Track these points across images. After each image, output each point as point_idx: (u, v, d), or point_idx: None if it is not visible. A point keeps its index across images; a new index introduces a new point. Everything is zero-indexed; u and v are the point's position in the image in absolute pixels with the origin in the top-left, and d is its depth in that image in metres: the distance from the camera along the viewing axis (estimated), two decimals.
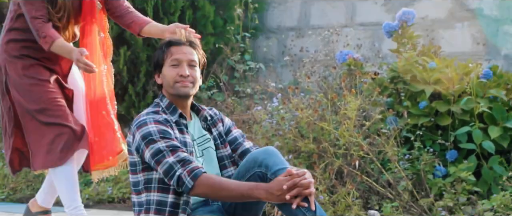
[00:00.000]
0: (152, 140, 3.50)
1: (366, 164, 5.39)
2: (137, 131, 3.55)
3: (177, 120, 3.65)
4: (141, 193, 3.62)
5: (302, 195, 3.39)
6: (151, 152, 3.49)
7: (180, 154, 3.48)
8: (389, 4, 7.17)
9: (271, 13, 7.81)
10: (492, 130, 5.43)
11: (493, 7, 6.68)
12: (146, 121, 3.56)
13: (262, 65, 7.37)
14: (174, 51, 3.65)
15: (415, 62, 5.77)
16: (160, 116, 3.59)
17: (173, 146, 3.49)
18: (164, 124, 3.55)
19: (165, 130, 3.53)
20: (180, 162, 3.46)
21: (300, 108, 5.53)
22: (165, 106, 3.67)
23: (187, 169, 3.43)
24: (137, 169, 3.60)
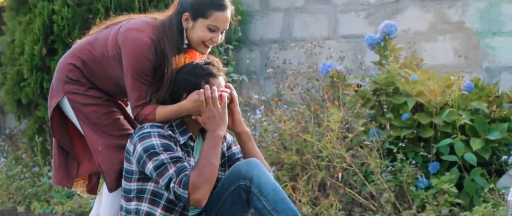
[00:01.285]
0: (155, 152, 3.47)
1: (349, 176, 5.39)
2: (139, 143, 3.51)
3: (186, 142, 3.62)
4: (132, 201, 3.60)
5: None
6: (154, 164, 3.47)
7: (181, 165, 3.46)
8: (371, 16, 7.20)
9: (254, 25, 7.83)
10: (474, 142, 5.45)
11: (475, 20, 6.73)
12: (151, 134, 3.52)
13: (245, 77, 7.37)
14: (214, 83, 3.62)
15: (397, 74, 5.80)
16: (164, 131, 3.56)
17: (176, 157, 3.48)
18: (167, 138, 3.53)
19: (168, 144, 3.50)
20: (178, 173, 3.44)
21: (283, 120, 5.53)
22: (175, 124, 3.64)
23: (177, 181, 3.43)
24: (132, 177, 3.59)
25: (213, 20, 3.63)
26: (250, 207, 3.57)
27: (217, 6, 3.63)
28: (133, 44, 3.63)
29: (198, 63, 3.67)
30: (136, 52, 3.62)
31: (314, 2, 7.51)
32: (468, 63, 6.76)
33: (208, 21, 3.62)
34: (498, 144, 5.56)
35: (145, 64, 3.61)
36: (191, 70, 3.64)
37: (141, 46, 3.62)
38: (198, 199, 3.44)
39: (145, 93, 3.64)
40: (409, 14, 7.03)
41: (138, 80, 3.62)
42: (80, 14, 6.87)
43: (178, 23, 3.67)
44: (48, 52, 6.98)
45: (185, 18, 3.65)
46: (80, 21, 6.87)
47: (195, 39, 3.66)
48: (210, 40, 3.65)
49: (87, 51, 3.79)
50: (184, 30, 3.66)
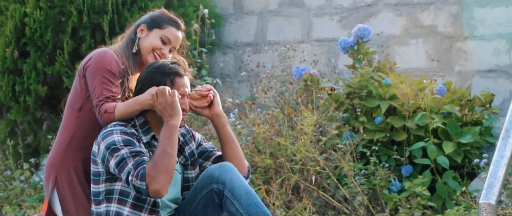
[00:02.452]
0: (116, 148, 3.47)
1: (322, 179, 5.40)
2: (102, 141, 3.52)
3: (149, 141, 3.62)
4: (101, 203, 3.59)
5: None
6: (116, 160, 3.47)
7: (139, 158, 3.46)
8: (345, 20, 7.23)
9: (227, 28, 7.82)
10: (446, 145, 5.49)
11: (447, 24, 6.77)
12: (113, 132, 3.53)
13: (219, 81, 7.36)
14: (180, 83, 3.67)
15: (370, 78, 5.82)
16: (127, 128, 3.56)
17: (136, 151, 3.48)
18: (130, 135, 3.53)
19: (129, 140, 3.51)
20: (135, 166, 3.44)
21: (257, 123, 5.53)
22: (139, 124, 3.64)
23: (134, 174, 3.42)
24: (100, 179, 3.58)
25: (168, 32, 3.90)
26: (223, 210, 3.56)
27: (173, 23, 3.94)
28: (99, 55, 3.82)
29: (164, 62, 3.73)
30: (104, 58, 3.80)
31: (288, 6, 7.52)
32: (441, 66, 6.81)
33: (162, 31, 3.90)
34: (470, 147, 5.60)
35: (113, 64, 3.77)
36: (157, 69, 3.69)
37: (107, 53, 3.83)
38: (156, 189, 3.42)
39: (110, 92, 3.71)
40: (382, 18, 7.06)
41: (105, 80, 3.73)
42: (52, 16, 6.83)
43: (133, 34, 3.93)
44: (20, 55, 6.94)
45: (141, 29, 3.91)
46: (52, 23, 6.83)
47: (146, 47, 3.87)
48: (159, 51, 3.87)
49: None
50: (136, 39, 3.90)
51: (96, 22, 6.82)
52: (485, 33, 6.60)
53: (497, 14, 6.55)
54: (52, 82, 6.99)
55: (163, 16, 3.95)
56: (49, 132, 7.05)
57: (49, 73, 6.91)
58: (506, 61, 6.50)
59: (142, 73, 3.71)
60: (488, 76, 6.59)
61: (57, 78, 6.95)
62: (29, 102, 6.88)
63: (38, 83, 6.90)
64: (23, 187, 6.72)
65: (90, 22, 6.81)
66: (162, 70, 3.66)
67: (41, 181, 6.94)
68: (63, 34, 6.87)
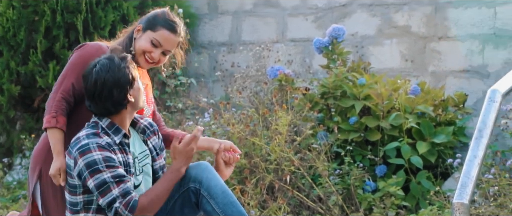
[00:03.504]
0: (97, 169, 3.41)
1: (297, 179, 5.41)
2: (80, 157, 3.43)
3: (121, 140, 3.57)
4: (79, 213, 3.55)
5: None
6: (96, 183, 3.41)
7: (124, 186, 3.43)
8: (319, 20, 7.25)
9: (202, 28, 7.81)
10: (420, 145, 5.52)
11: (421, 25, 6.81)
12: (90, 147, 3.45)
13: (193, 80, 7.35)
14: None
15: (345, 78, 5.84)
16: (102, 139, 3.49)
17: (119, 176, 3.43)
18: (107, 149, 3.47)
19: (109, 157, 3.44)
20: (123, 195, 3.42)
21: (232, 123, 5.53)
22: (105, 126, 3.57)
23: (123, 202, 3.40)
24: (77, 191, 3.53)
25: (159, 35, 3.79)
26: (199, 209, 3.56)
27: (168, 26, 3.81)
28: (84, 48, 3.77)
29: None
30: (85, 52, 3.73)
31: (262, 6, 7.53)
32: (415, 67, 6.84)
33: (154, 34, 3.80)
34: (443, 147, 5.64)
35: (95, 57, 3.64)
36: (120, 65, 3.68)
37: (93, 46, 3.77)
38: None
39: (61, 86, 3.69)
40: (356, 18, 7.09)
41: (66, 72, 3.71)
42: (25, 16, 6.79)
43: (132, 33, 3.85)
44: None
45: (138, 28, 3.83)
46: (25, 23, 6.79)
47: (137, 49, 3.81)
48: (149, 54, 3.79)
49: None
50: (133, 39, 3.82)
51: (69, 21, 6.78)
52: (459, 33, 6.65)
53: (470, 15, 6.60)
54: (26, 81, 6.94)
55: (159, 17, 3.84)
56: (22, 131, 7.00)
57: (22, 73, 6.86)
58: (479, 62, 6.55)
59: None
60: (462, 77, 6.64)
61: (30, 77, 6.90)
62: (2, 101, 6.83)
63: (11, 82, 6.85)
64: None
65: (64, 22, 6.78)
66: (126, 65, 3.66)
67: (14, 181, 6.90)
68: (37, 34, 6.83)
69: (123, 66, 3.56)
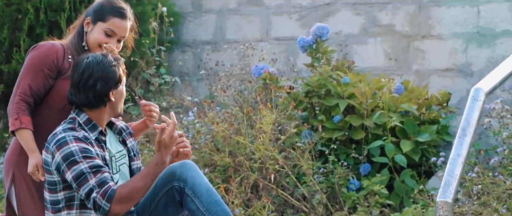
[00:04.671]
0: (75, 161, 3.42)
1: (281, 177, 5.41)
2: (57, 151, 3.45)
3: (97, 136, 3.58)
4: (61, 211, 3.54)
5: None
6: (74, 174, 3.42)
7: (101, 175, 3.42)
8: (303, 19, 7.25)
9: (186, 27, 7.80)
10: (404, 144, 5.53)
11: (405, 23, 6.83)
12: (66, 140, 3.46)
13: (177, 79, 7.34)
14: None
15: (329, 76, 5.85)
16: (78, 133, 3.51)
17: (95, 166, 3.43)
18: (84, 141, 3.48)
19: (86, 149, 3.46)
20: (100, 185, 3.41)
21: (216, 122, 5.52)
22: (83, 122, 3.58)
23: (101, 192, 3.39)
24: (57, 188, 3.52)
25: (110, 24, 3.77)
26: (183, 208, 3.55)
27: (117, 13, 3.79)
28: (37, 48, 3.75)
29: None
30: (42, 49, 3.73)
31: (246, 4, 7.52)
32: (398, 65, 6.86)
33: (105, 25, 3.77)
34: (427, 146, 5.66)
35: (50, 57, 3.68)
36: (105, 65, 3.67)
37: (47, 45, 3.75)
38: (118, 212, 3.44)
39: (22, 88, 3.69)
40: (340, 17, 7.10)
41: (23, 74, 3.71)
42: (9, 14, 6.76)
43: (80, 27, 3.82)
44: None
45: (87, 22, 3.80)
46: (9, 21, 6.76)
47: (92, 42, 3.78)
48: (105, 44, 3.76)
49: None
50: (84, 34, 3.80)
51: (53, 19, 6.75)
52: (442, 32, 6.67)
53: (454, 14, 6.62)
54: (9, 80, 6.90)
55: (106, 6, 3.80)
56: (5, 130, 6.96)
57: (5, 71, 6.83)
58: (463, 60, 6.58)
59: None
60: (445, 75, 6.66)
61: (13, 76, 6.86)
62: None
63: None
64: None
65: (47, 20, 6.75)
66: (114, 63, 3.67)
67: None
68: (20, 32, 6.80)
69: (114, 65, 3.61)
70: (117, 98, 3.63)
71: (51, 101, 3.74)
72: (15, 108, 3.68)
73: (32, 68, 3.70)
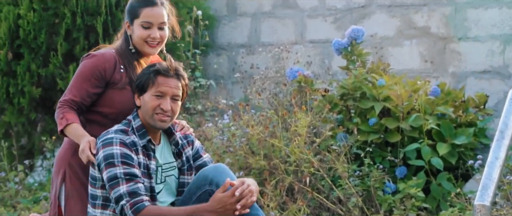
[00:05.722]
0: (112, 163, 3.45)
1: (316, 180, 5.40)
2: (102, 149, 3.50)
3: (146, 144, 3.59)
4: (96, 207, 3.58)
5: (247, 205, 3.41)
6: (108, 175, 3.46)
7: (134, 185, 3.44)
8: (338, 21, 7.23)
9: (221, 30, 7.82)
10: (441, 147, 5.49)
11: (441, 25, 6.78)
12: (113, 141, 3.51)
13: (212, 82, 7.36)
14: (161, 82, 3.59)
15: (364, 79, 5.82)
16: (127, 137, 3.53)
17: (130, 174, 3.45)
18: (129, 147, 3.50)
19: (128, 155, 3.48)
20: (131, 194, 3.43)
21: (251, 125, 5.53)
22: (136, 127, 3.60)
23: (131, 202, 3.42)
24: (96, 184, 3.57)
25: (144, 16, 3.76)
26: None
27: (145, 3, 3.78)
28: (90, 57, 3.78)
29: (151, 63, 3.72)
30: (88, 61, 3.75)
31: (281, 7, 7.53)
32: (435, 68, 6.82)
33: (140, 19, 3.77)
34: (464, 149, 5.61)
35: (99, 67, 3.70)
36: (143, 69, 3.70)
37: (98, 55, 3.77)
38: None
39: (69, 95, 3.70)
40: (376, 19, 7.07)
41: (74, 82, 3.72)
42: (46, 18, 6.83)
43: (125, 33, 3.84)
44: (14, 56, 6.93)
45: (127, 25, 3.82)
46: (46, 25, 6.83)
47: (136, 41, 3.79)
48: (149, 38, 3.76)
49: None
50: (129, 37, 3.80)
51: (89, 23, 6.80)
52: (479, 34, 6.61)
53: (491, 15, 6.56)
54: (46, 83, 6.98)
55: (133, 3, 3.81)
56: (43, 133, 7.04)
57: (43, 75, 6.90)
58: (500, 62, 6.52)
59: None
60: (482, 77, 6.60)
61: (51, 79, 6.94)
62: (23, 104, 6.87)
63: (32, 85, 6.89)
64: (17, 188, 6.71)
65: (84, 24, 6.80)
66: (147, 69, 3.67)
67: (35, 183, 6.94)
68: (57, 36, 6.86)
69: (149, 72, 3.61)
70: (143, 106, 3.62)
71: (101, 109, 3.78)
72: (59, 112, 3.72)
73: (80, 77, 3.75)
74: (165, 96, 3.59)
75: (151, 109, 3.57)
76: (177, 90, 3.63)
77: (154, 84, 3.59)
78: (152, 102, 3.58)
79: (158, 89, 3.58)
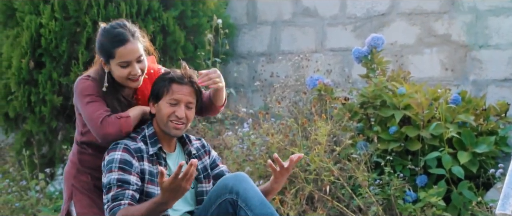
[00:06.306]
0: (110, 168, 3.52)
1: (336, 189, 5.39)
2: (107, 154, 3.57)
3: (157, 152, 3.62)
4: None
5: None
6: (105, 181, 3.55)
7: (121, 191, 3.48)
8: (358, 30, 7.23)
9: (241, 38, 7.84)
10: (462, 155, 5.46)
11: (461, 33, 6.76)
12: (117, 146, 3.57)
13: (232, 90, 7.37)
14: (175, 89, 3.61)
15: (384, 87, 5.81)
16: (134, 143, 3.57)
17: (122, 181, 3.49)
18: (131, 153, 3.54)
19: (127, 161, 3.52)
20: (113, 199, 3.47)
21: (271, 133, 5.53)
22: (148, 135, 3.64)
23: (110, 206, 3.46)
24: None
25: (120, 56, 3.63)
26: None
27: (118, 43, 3.63)
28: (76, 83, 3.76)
29: (166, 71, 3.73)
30: (79, 84, 3.73)
31: (301, 16, 7.53)
32: (455, 76, 6.79)
33: (116, 60, 3.63)
34: (485, 157, 5.58)
35: (89, 85, 3.67)
36: (158, 78, 3.71)
37: (81, 79, 3.74)
38: None
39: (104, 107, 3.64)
40: (396, 27, 7.06)
41: (91, 101, 3.66)
42: (67, 27, 6.87)
43: (101, 68, 3.73)
44: (35, 65, 6.97)
45: (103, 63, 3.71)
46: (67, 34, 6.87)
47: (118, 78, 3.68)
48: (130, 75, 3.65)
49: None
50: (105, 74, 3.69)
51: None
52: (500, 42, 6.58)
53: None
54: (67, 92, 7.01)
55: (105, 41, 3.64)
56: (64, 142, 7.07)
57: (64, 84, 6.93)
58: None
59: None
60: (503, 85, 6.56)
61: (72, 88, 6.97)
62: (44, 112, 6.91)
63: (54, 93, 6.93)
64: (38, 197, 6.74)
65: None
66: (159, 78, 3.69)
67: (56, 191, 6.97)
68: (78, 45, 6.90)
69: (163, 79, 3.65)
70: (157, 113, 3.64)
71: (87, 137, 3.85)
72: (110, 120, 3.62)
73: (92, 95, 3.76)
74: (180, 104, 3.62)
75: (166, 116, 3.60)
76: (191, 97, 3.65)
77: (169, 92, 3.61)
78: (166, 110, 3.60)
79: (172, 97, 3.61)
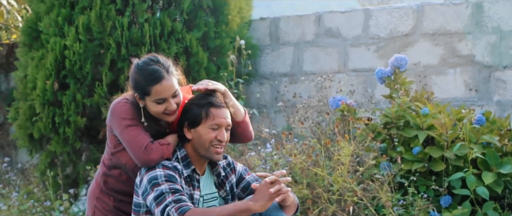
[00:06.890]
0: (157, 183, 3.51)
1: (360, 209, 5.37)
2: (146, 174, 3.56)
3: (190, 174, 3.64)
4: None
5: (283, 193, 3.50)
6: (155, 194, 3.50)
7: (179, 196, 3.48)
8: (381, 50, 7.22)
9: (264, 59, 7.85)
10: (486, 176, 5.43)
11: (485, 54, 6.73)
12: (155, 166, 3.56)
13: (255, 111, 7.38)
14: (215, 114, 3.63)
15: (408, 107, 5.79)
16: (170, 162, 3.58)
17: (175, 189, 3.50)
18: (172, 169, 3.55)
19: (171, 175, 3.53)
20: (176, 201, 3.46)
21: (294, 153, 5.53)
22: (181, 157, 3.65)
23: (176, 206, 3.44)
24: (140, 210, 3.62)
25: (155, 94, 3.64)
26: None
27: (153, 81, 3.62)
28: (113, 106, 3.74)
29: (202, 94, 3.71)
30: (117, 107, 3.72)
31: (324, 36, 7.54)
32: (479, 96, 6.76)
33: (152, 97, 3.64)
34: (510, 178, 5.54)
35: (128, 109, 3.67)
36: (194, 100, 3.70)
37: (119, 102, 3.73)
38: None
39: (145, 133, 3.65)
40: (419, 48, 7.04)
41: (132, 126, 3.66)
42: (91, 49, 6.92)
43: (135, 100, 3.73)
44: (60, 87, 7.03)
45: (138, 98, 3.71)
46: (91, 56, 6.92)
47: (154, 114, 3.70)
48: (166, 110, 3.67)
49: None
50: (141, 109, 3.70)
51: (134, 54, 6.88)
52: None
53: None
54: (91, 113, 7.06)
55: (140, 80, 3.64)
56: (88, 163, 7.11)
57: (88, 105, 6.98)
58: None
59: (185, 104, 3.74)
60: None
61: (96, 109, 7.02)
62: (68, 133, 6.96)
63: (78, 114, 6.98)
64: None
65: (129, 54, 6.88)
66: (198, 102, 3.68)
67: (80, 212, 6.99)
68: (102, 66, 6.95)
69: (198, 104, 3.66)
70: (196, 138, 3.64)
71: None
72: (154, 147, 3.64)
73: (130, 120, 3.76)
74: (221, 128, 3.62)
75: (208, 141, 3.60)
76: (229, 120, 3.68)
77: (209, 117, 3.62)
78: (208, 135, 3.61)
79: (214, 122, 3.61)
